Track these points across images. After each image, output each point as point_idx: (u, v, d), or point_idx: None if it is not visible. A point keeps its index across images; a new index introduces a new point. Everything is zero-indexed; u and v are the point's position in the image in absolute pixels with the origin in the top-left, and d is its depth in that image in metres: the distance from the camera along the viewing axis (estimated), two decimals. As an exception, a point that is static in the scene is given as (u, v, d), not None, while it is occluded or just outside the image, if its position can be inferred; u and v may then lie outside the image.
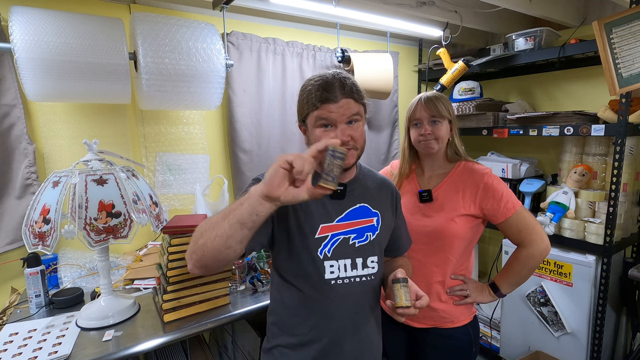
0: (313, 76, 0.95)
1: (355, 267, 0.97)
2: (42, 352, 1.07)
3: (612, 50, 1.60)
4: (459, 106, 2.25)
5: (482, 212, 1.20)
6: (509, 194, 1.19)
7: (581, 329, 1.85)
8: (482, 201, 1.19)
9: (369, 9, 1.91)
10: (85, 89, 1.45)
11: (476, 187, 1.19)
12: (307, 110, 0.91)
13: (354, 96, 0.91)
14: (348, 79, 0.92)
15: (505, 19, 2.31)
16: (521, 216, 1.18)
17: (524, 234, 1.18)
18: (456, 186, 1.22)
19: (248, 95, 2.01)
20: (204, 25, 1.65)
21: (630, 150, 1.82)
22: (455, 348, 1.25)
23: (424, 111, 1.22)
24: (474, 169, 1.23)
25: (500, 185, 1.19)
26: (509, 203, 1.17)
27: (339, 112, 0.89)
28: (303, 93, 0.94)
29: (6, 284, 1.54)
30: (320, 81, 0.91)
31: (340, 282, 0.95)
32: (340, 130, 0.89)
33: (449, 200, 1.21)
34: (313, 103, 0.89)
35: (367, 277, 0.98)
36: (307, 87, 0.93)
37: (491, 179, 1.19)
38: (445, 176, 1.25)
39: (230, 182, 2.07)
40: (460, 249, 1.23)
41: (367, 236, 0.99)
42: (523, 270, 1.21)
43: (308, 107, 0.91)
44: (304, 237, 0.93)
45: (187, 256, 0.84)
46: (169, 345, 1.21)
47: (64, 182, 1.11)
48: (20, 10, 1.32)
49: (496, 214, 1.18)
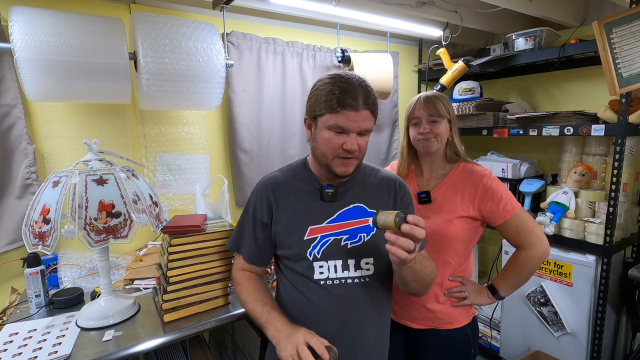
0: (334, 74, 0.91)
1: (347, 268, 0.96)
2: (42, 352, 1.07)
3: (612, 50, 1.60)
4: (459, 106, 2.25)
5: (481, 213, 1.19)
6: (508, 195, 1.18)
7: (581, 329, 1.85)
8: (481, 203, 1.18)
9: (369, 9, 1.91)
10: (85, 89, 1.45)
11: (475, 188, 1.19)
12: (323, 110, 0.88)
13: (373, 110, 0.90)
14: (372, 89, 0.90)
15: (505, 19, 2.31)
16: (520, 218, 1.17)
17: (523, 236, 1.17)
18: (455, 187, 1.22)
19: (248, 95, 2.01)
20: (204, 25, 1.65)
21: (630, 150, 1.82)
22: (454, 349, 1.25)
23: (423, 110, 1.22)
24: (473, 170, 1.23)
25: (499, 187, 1.18)
26: (508, 205, 1.17)
27: (357, 121, 0.87)
28: (322, 89, 0.89)
29: (6, 284, 1.54)
30: (344, 83, 0.87)
31: (331, 283, 0.95)
32: (350, 138, 0.89)
33: (447, 202, 1.21)
34: (332, 106, 0.86)
35: (360, 279, 0.97)
36: (327, 84, 0.89)
37: (490, 180, 1.19)
38: (444, 177, 1.25)
39: (230, 182, 2.07)
40: (459, 251, 1.22)
41: (360, 237, 0.98)
42: (522, 273, 1.20)
43: (325, 107, 0.87)
44: (293, 240, 0.96)
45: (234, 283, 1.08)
46: (169, 345, 1.20)
47: (64, 182, 1.11)
48: (20, 10, 1.32)
49: (495, 216, 1.18)
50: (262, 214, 1.00)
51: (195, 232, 1.26)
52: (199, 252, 1.27)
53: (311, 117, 0.94)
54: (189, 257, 1.25)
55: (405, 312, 1.27)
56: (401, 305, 1.27)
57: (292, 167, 1.06)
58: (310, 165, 1.03)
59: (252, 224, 1.02)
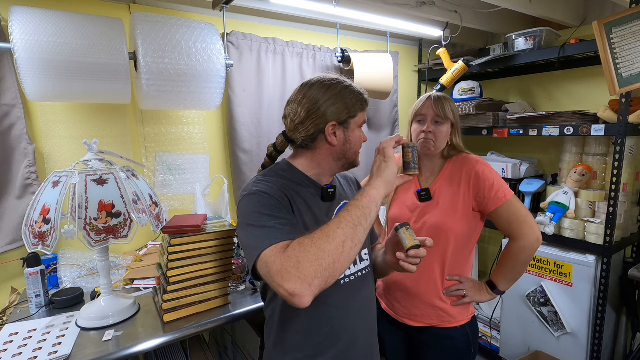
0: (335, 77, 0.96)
1: (355, 262, 0.99)
2: (42, 352, 1.07)
3: (612, 50, 1.60)
4: (459, 106, 2.25)
5: (476, 200, 1.20)
6: (501, 182, 1.19)
7: (581, 329, 1.85)
8: (475, 189, 1.20)
9: (369, 9, 1.91)
10: (85, 89, 1.45)
11: (468, 175, 1.21)
12: (357, 110, 0.94)
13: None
14: None
15: (505, 19, 2.31)
16: (512, 206, 1.17)
17: (515, 225, 1.18)
18: (451, 179, 1.24)
19: (248, 95, 2.01)
20: (204, 25, 1.65)
21: (630, 150, 1.82)
22: (454, 348, 1.25)
23: (431, 109, 1.23)
24: (465, 158, 1.25)
25: (492, 174, 1.20)
26: (500, 192, 1.17)
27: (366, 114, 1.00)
28: (343, 93, 0.92)
29: (6, 284, 1.54)
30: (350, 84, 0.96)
31: (348, 281, 0.96)
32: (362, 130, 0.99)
33: (446, 195, 1.23)
34: (362, 104, 0.95)
35: (365, 270, 1.02)
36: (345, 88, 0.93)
37: (483, 167, 1.20)
38: (441, 171, 1.27)
39: (230, 182, 2.07)
40: (459, 246, 1.23)
41: None
42: (516, 265, 1.21)
43: (357, 107, 0.94)
44: None
45: (292, 279, 0.70)
46: (169, 345, 1.20)
47: (64, 182, 1.11)
48: (20, 10, 1.32)
49: (488, 202, 1.18)
50: (286, 205, 0.88)
51: (195, 232, 1.26)
52: (199, 252, 1.27)
53: (341, 122, 0.92)
54: (189, 257, 1.25)
55: (405, 310, 1.28)
56: (401, 303, 1.28)
57: (279, 172, 0.96)
58: (302, 168, 0.97)
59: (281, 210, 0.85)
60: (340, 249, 0.73)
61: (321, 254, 0.71)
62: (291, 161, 0.99)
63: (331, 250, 0.72)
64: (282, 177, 0.94)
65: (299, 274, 0.69)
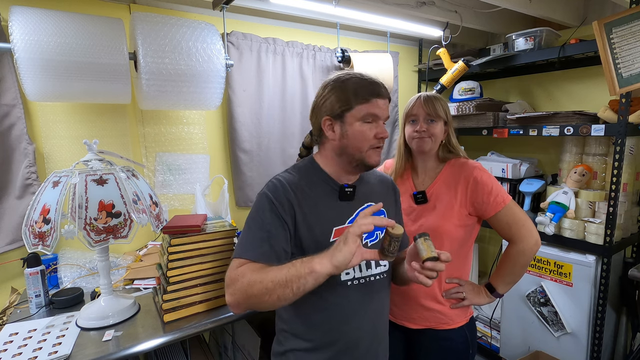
0: (345, 72, 0.94)
1: (369, 266, 0.98)
2: (42, 352, 1.07)
3: (612, 50, 1.60)
4: (459, 106, 2.25)
5: (474, 206, 1.20)
6: (499, 188, 1.20)
7: (581, 329, 1.85)
8: (472, 195, 1.19)
9: (369, 9, 1.91)
10: (85, 89, 1.45)
11: (466, 181, 1.20)
12: (353, 102, 0.89)
13: (390, 99, 0.95)
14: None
15: (505, 19, 2.31)
16: (511, 211, 1.18)
17: (514, 229, 1.18)
18: (448, 183, 1.23)
19: (248, 95, 2.01)
20: (204, 25, 1.65)
21: (630, 150, 1.82)
22: (452, 350, 1.25)
23: (421, 108, 1.23)
24: (463, 164, 1.25)
25: (490, 180, 1.20)
26: (499, 197, 1.18)
27: (384, 109, 0.92)
28: (345, 85, 0.91)
29: (6, 284, 1.54)
30: (363, 76, 0.92)
31: (357, 283, 0.95)
32: (381, 126, 0.92)
33: (442, 199, 1.22)
34: (363, 96, 0.89)
35: (381, 275, 0.99)
36: (349, 80, 0.91)
37: (481, 173, 1.20)
38: (437, 175, 1.27)
39: (230, 182, 2.07)
40: (456, 249, 1.22)
41: (376, 235, 1.00)
42: (515, 268, 1.21)
43: (356, 99, 0.89)
44: (318, 243, 0.91)
45: (229, 291, 0.84)
46: (169, 345, 1.20)
47: (64, 182, 1.11)
48: (20, 10, 1.32)
49: (486, 207, 1.18)
50: (284, 212, 0.90)
51: (195, 232, 1.26)
52: (199, 252, 1.27)
53: (335, 115, 0.91)
54: (189, 257, 1.26)
55: (403, 312, 1.28)
56: (399, 305, 1.27)
57: (301, 168, 0.99)
58: (322, 165, 0.98)
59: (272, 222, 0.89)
60: (265, 296, 0.79)
61: (249, 290, 0.80)
62: (315, 156, 1.01)
63: (255, 293, 0.80)
64: (300, 173, 0.96)
65: (234, 293, 0.82)
